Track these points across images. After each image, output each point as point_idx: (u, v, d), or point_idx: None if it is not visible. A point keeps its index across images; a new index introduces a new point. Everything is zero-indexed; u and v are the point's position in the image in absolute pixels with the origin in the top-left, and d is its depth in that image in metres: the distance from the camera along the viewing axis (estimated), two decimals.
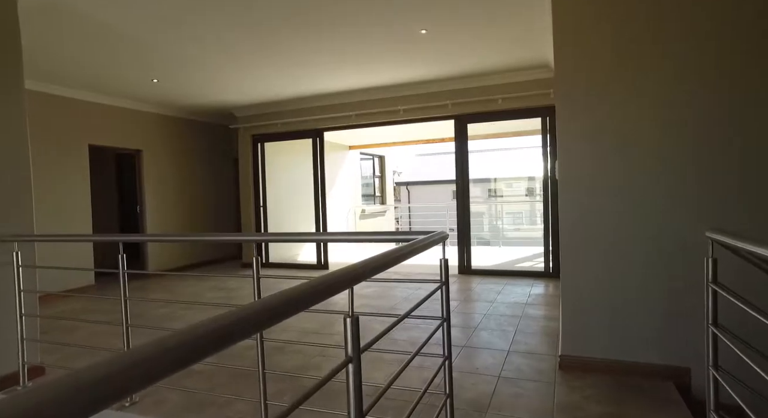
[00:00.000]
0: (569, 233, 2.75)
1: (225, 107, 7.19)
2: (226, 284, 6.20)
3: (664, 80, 2.56)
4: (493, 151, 25.32)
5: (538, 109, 5.72)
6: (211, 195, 8.00)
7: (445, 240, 1.95)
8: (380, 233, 1.84)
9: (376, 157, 12.57)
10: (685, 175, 2.54)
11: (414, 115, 6.33)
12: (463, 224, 6.23)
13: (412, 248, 1.63)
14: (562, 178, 2.74)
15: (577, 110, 2.71)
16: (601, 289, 2.67)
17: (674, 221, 2.55)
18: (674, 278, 2.55)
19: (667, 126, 2.56)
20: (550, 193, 5.79)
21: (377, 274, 1.25)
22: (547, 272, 5.84)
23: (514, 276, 5.97)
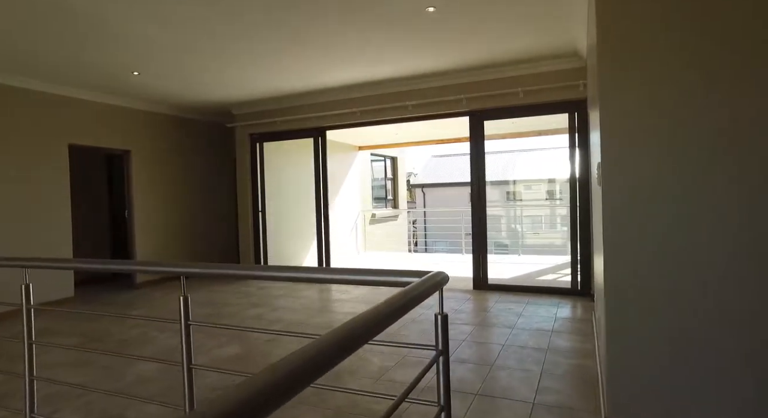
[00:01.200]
0: (615, 247, 2.07)
1: (221, 104, 6.66)
2: (218, 297, 5.65)
3: (744, 62, 1.88)
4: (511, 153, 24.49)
5: (565, 103, 5.02)
6: (207, 199, 7.48)
7: (442, 285, 1.32)
8: (361, 272, 1.20)
9: (389, 158, 11.95)
10: None
11: (424, 111, 5.69)
12: (479, 232, 5.56)
13: (396, 306, 1.03)
14: (607, 181, 2.07)
15: (628, 100, 2.03)
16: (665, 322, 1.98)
17: (764, 231, 1.86)
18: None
19: (749, 118, 1.88)
20: (578, 198, 5.08)
21: None
22: (574, 288, 5.13)
23: (536, 293, 5.27)
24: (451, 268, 7.81)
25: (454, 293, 5.44)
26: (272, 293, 5.77)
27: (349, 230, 9.73)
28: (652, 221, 1.98)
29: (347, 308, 4.88)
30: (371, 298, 5.26)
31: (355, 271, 1.44)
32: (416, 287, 1.18)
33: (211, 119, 7.45)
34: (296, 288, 6.05)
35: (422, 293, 1.16)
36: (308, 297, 5.50)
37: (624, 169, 2.01)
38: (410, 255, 9.53)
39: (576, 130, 5.04)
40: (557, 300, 4.92)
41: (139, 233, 6.31)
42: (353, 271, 1.44)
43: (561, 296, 5.07)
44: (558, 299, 4.98)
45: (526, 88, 5.04)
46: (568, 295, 5.11)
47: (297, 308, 4.97)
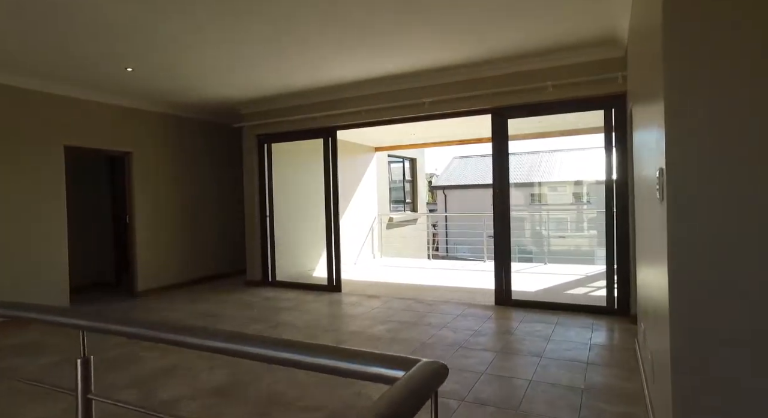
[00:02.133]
0: (685, 263, 1.54)
1: (227, 103, 6.31)
2: (218, 309, 5.27)
3: None
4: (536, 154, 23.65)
5: (600, 98, 4.45)
6: (212, 203, 7.15)
7: (435, 388, 0.81)
8: (326, 351, 0.67)
9: (407, 159, 11.47)
10: None
11: (441, 108, 5.19)
12: (502, 239, 5.02)
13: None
14: (677, 190, 1.54)
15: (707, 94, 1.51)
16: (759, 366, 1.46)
17: None
18: None
19: None
20: (615, 203, 4.49)
21: None
22: (609, 306, 4.54)
23: (566, 311, 4.70)
24: (471, 279, 7.32)
25: (474, 309, 4.92)
26: (278, 306, 5.36)
27: (364, 234, 9.30)
28: (738, 238, 1.45)
29: (355, 326, 4.43)
30: (385, 315, 4.79)
31: (316, 349, 0.94)
32: (398, 397, 0.68)
33: (216, 120, 7.12)
34: (304, 300, 5.63)
35: (409, 407, 0.67)
36: (315, 311, 5.07)
37: (700, 177, 1.48)
38: (429, 262, 9.02)
39: (613, 129, 4.46)
40: (590, 320, 4.35)
41: (140, 238, 6.00)
42: (315, 349, 0.94)
43: (594, 316, 4.49)
44: (591, 318, 4.41)
45: (556, 81, 4.49)
46: (602, 314, 4.53)
47: (300, 325, 4.54)
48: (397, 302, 5.36)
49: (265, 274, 6.62)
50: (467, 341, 3.82)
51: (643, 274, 2.94)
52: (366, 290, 6.18)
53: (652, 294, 2.27)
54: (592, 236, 11.88)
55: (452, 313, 4.80)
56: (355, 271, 7.97)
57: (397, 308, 5.07)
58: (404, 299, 5.51)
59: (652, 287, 2.24)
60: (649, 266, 2.47)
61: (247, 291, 6.22)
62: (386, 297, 5.66)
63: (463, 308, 4.97)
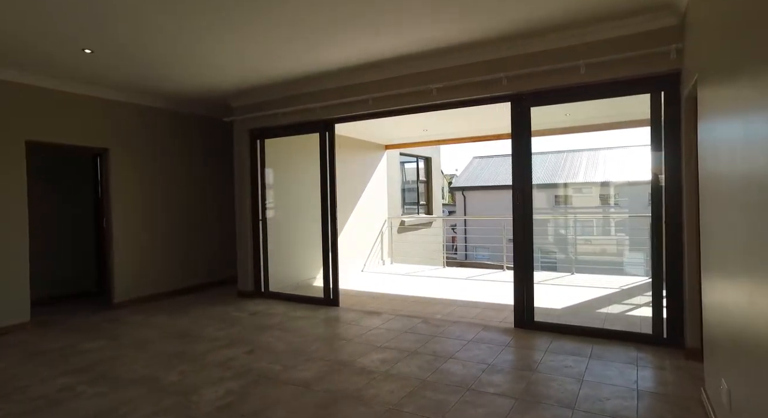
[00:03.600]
0: None
1: (214, 94, 5.69)
2: (195, 327, 4.63)
3: None
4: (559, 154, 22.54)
5: (646, 79, 3.63)
6: (199, 205, 6.54)
7: None
8: None
9: (421, 158, 10.72)
10: None
11: (452, 95, 4.44)
12: (523, 247, 4.25)
13: None
14: None
15: None
16: None
17: None
18: None
19: None
20: (664, 209, 3.66)
21: None
22: (657, 334, 3.70)
23: (602, 339, 3.89)
24: (488, 292, 6.41)
25: (490, 333, 4.15)
26: (264, 323, 4.69)
27: (373, 239, 8.59)
28: None
29: (345, 353, 3.71)
30: (384, 338, 4.06)
31: None
32: None
33: (205, 113, 6.50)
34: (295, 316, 4.95)
35: None
36: (303, 331, 4.38)
37: None
38: (443, 270, 8.25)
39: (662, 117, 3.64)
40: (633, 351, 3.53)
41: (118, 244, 5.42)
42: None
43: (637, 346, 3.67)
44: (634, 349, 3.59)
45: (590, 60, 3.69)
46: (647, 343, 3.70)
47: (280, 349, 3.85)
48: (400, 321, 4.62)
49: (257, 284, 5.98)
50: (478, 381, 3.06)
51: (720, 294, 2.15)
52: (367, 304, 5.47)
53: (743, 324, 1.51)
54: (623, 243, 10.89)
55: (463, 337, 4.04)
56: (361, 279, 7.26)
57: (399, 329, 4.33)
58: (409, 317, 4.77)
59: (744, 313, 1.48)
60: (736, 284, 1.71)
61: (235, 304, 5.58)
62: (389, 314, 4.94)
63: (476, 331, 4.21)
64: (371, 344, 3.91)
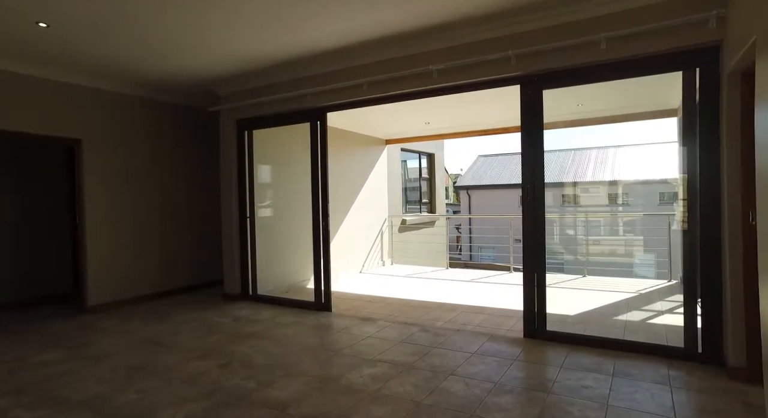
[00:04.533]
0: None
1: (197, 81, 5.26)
2: (173, 335, 4.20)
3: None
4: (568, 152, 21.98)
5: (679, 54, 3.16)
6: (187, 202, 6.11)
7: None
8: None
9: (424, 154, 10.26)
10: None
11: (454, 78, 3.97)
12: (534, 248, 3.78)
13: None
14: None
15: None
16: None
17: None
18: None
19: None
20: (698, 208, 3.18)
21: None
22: (690, 348, 3.21)
23: (624, 352, 3.41)
24: (494, 295, 5.79)
25: (496, 344, 3.68)
26: (245, 330, 4.24)
27: (372, 238, 8.14)
28: None
29: (333, 367, 3.26)
30: (377, 348, 3.60)
31: None
32: None
33: (189, 103, 6.06)
34: (281, 323, 4.51)
35: None
36: (288, 341, 3.93)
37: None
38: (446, 272, 7.77)
39: (697, 99, 3.15)
40: (664, 369, 3.05)
41: (93, 243, 5.00)
42: None
43: (667, 361, 3.19)
44: (664, 365, 3.11)
45: (612, 33, 3.22)
46: (679, 359, 3.22)
47: (258, 362, 3.40)
48: (396, 329, 4.16)
49: (244, 286, 5.54)
50: (483, 405, 2.60)
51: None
52: (362, 308, 5.02)
53: None
54: (637, 244, 10.35)
55: (466, 349, 3.57)
56: (359, 281, 6.81)
57: (395, 339, 3.88)
58: (407, 324, 4.31)
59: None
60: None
61: (218, 308, 5.14)
62: (385, 320, 4.48)
63: (481, 342, 3.74)
64: (362, 357, 3.45)
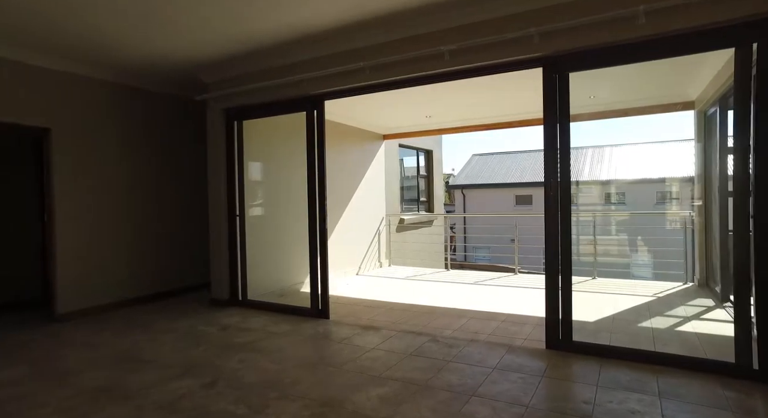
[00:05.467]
0: None
1: (181, 66, 4.79)
2: (153, 348, 3.74)
3: None
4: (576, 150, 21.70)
5: (732, 27, 2.78)
6: (172, 199, 5.64)
7: None
8: None
9: (422, 151, 9.85)
10: None
11: (469, 60, 3.56)
12: (558, 249, 3.38)
13: None
14: None
15: None
16: None
17: None
18: None
19: None
20: (751, 203, 2.80)
21: None
22: (743, 365, 2.82)
23: (663, 366, 3.02)
24: (502, 299, 5.24)
25: (518, 356, 3.28)
26: (235, 341, 3.80)
27: (369, 238, 7.72)
28: None
29: (334, 388, 2.83)
30: (384, 363, 3.18)
31: None
32: None
33: (174, 91, 5.58)
34: (274, 332, 4.07)
35: None
36: (282, 354, 3.49)
37: None
38: (447, 273, 7.37)
39: (753, 81, 2.78)
40: (717, 388, 2.67)
41: (63, 244, 4.52)
42: None
43: (716, 377, 2.81)
44: (714, 382, 2.73)
45: (652, 4, 2.84)
46: (730, 376, 2.83)
47: (249, 381, 2.96)
48: (403, 339, 3.74)
49: (233, 291, 5.08)
50: None
51: None
52: (363, 315, 4.59)
53: None
54: (650, 243, 9.98)
55: (485, 363, 3.16)
56: (356, 283, 6.39)
57: (403, 351, 3.46)
58: (415, 334, 3.90)
59: None
60: None
61: (205, 315, 4.68)
62: (389, 328, 4.06)
63: (499, 354, 3.34)
64: (368, 373, 3.02)
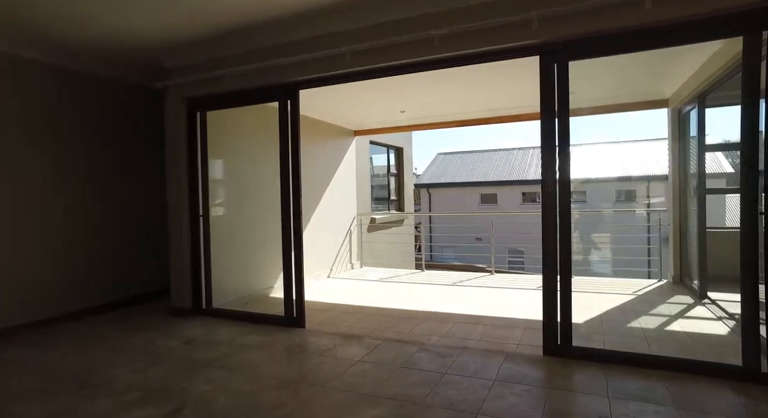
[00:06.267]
0: None
1: (136, 48, 4.28)
2: (103, 368, 3.25)
3: None
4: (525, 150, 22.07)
5: (742, 14, 2.64)
6: (120, 196, 5.09)
7: None
8: None
9: (392, 148, 9.58)
10: None
11: (460, 46, 3.30)
12: (559, 249, 3.19)
13: None
14: None
15: None
16: None
17: None
18: None
19: None
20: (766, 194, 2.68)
21: None
22: (752, 368, 2.70)
23: (667, 370, 2.87)
24: (484, 302, 5.01)
25: (516, 364, 3.04)
26: (200, 358, 3.37)
27: (341, 239, 7.37)
28: None
29: (323, 412, 2.49)
30: (372, 380, 2.86)
31: None
32: None
33: (130, 78, 5.02)
34: (244, 345, 3.66)
35: None
36: (255, 373, 3.11)
37: None
38: (422, 274, 7.12)
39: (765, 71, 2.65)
40: (729, 394, 2.52)
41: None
42: None
43: (725, 382, 2.67)
44: (724, 388, 2.58)
45: None
46: (734, 380, 2.70)
47: (222, 405, 2.56)
48: (390, 349, 3.44)
49: (197, 298, 4.61)
50: None
51: None
52: (342, 322, 4.26)
53: None
54: (620, 242, 10.13)
55: (484, 374, 2.91)
56: (328, 287, 6.04)
57: (392, 363, 3.15)
58: (401, 342, 3.60)
59: None
60: None
61: (164, 327, 4.20)
62: (372, 337, 3.75)
63: (496, 362, 3.10)
64: (357, 391, 2.70)
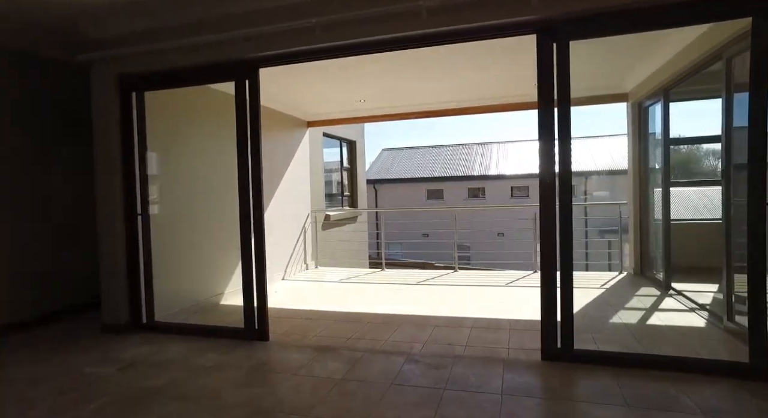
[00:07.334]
0: None
1: (58, 12, 3.52)
2: (26, 414, 2.57)
3: None
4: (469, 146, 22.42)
5: None
6: (33, 194, 4.27)
7: None
8: None
9: (345, 142, 9.13)
10: None
11: (451, 20, 2.94)
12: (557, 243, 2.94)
13: None
14: None
15: None
16: None
17: None
18: None
19: None
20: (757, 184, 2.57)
21: None
22: (759, 365, 2.60)
23: (671, 371, 2.70)
24: (457, 301, 4.80)
25: (518, 374, 2.76)
26: (144, 386, 2.77)
27: (295, 238, 6.83)
28: None
29: None
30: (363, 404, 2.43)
31: None
32: None
33: (43, 50, 4.19)
34: (197, 366, 3.09)
35: None
36: (218, 398, 2.58)
37: None
38: (383, 273, 6.75)
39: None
40: (744, 393, 2.38)
41: None
42: None
43: (733, 381, 2.53)
44: (739, 388, 2.44)
45: None
46: (738, 377, 2.58)
47: None
48: (374, 361, 3.03)
49: (135, 311, 3.92)
50: None
51: None
52: (309, 331, 3.79)
53: None
54: (580, 235, 10.29)
55: (487, 388, 2.59)
56: (285, 290, 5.53)
57: (380, 379, 2.75)
58: (383, 353, 3.20)
59: None
60: None
61: (96, 348, 3.50)
62: (349, 348, 3.32)
63: (497, 372, 2.79)
64: None
